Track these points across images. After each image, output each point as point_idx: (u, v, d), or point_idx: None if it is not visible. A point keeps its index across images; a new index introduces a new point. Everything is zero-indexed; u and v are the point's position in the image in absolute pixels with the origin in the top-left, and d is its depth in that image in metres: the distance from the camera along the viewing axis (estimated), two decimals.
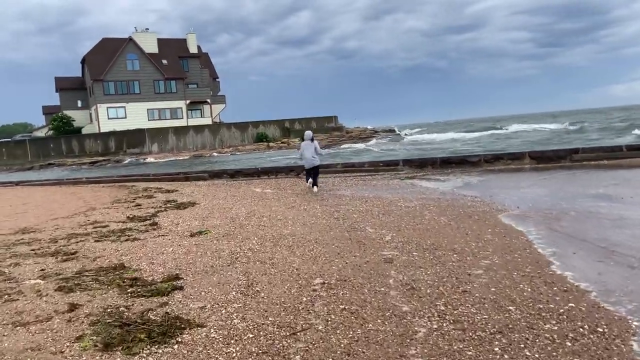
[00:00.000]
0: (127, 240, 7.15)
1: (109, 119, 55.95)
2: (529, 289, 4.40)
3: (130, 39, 57.33)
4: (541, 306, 4.00)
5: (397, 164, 16.92)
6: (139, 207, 10.81)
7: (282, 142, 52.83)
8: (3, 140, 59.25)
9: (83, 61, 59.51)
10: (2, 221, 10.00)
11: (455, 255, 5.55)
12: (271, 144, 52.54)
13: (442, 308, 4.02)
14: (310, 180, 12.53)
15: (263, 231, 7.40)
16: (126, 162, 43.38)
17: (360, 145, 46.06)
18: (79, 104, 61.91)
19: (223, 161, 37.31)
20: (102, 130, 53.79)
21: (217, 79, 70.23)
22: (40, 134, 65.30)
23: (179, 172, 18.95)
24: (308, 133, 13.08)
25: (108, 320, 3.90)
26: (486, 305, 4.05)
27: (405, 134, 64.30)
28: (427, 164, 16.64)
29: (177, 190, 14.03)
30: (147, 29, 60.79)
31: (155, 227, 8.18)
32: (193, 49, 63.10)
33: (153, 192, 13.97)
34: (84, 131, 56.55)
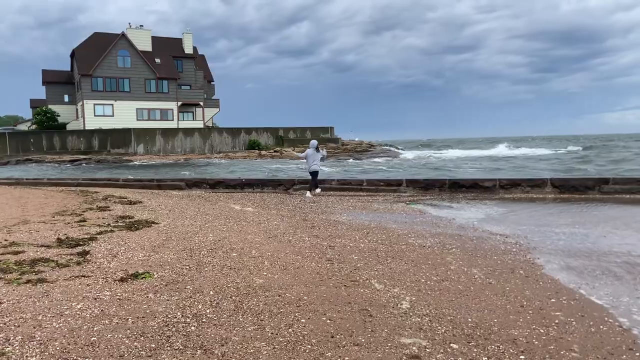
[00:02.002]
0: (27, 282, 4.96)
1: (95, 116, 53.60)
2: None
3: (123, 35, 55.19)
4: None
5: (400, 183, 14.84)
6: (83, 223, 8.61)
7: (275, 151, 50.70)
8: None
9: (72, 55, 57.25)
10: None
11: (521, 356, 3.42)
12: (263, 152, 50.41)
13: None
14: (309, 192, 13.92)
15: (226, 278, 5.24)
16: (107, 162, 41.01)
17: (359, 157, 44.05)
18: (66, 98, 59.59)
19: (210, 167, 35.09)
20: (87, 128, 51.41)
21: (212, 82, 68.16)
22: (24, 127, 62.81)
23: (152, 179, 16.74)
24: (313, 142, 14.57)
25: None
26: None
27: (403, 149, 62.42)
28: (434, 185, 14.57)
29: (141, 202, 11.84)
30: (142, 25, 58.72)
31: (84, 259, 5.99)
32: (188, 50, 61.08)
33: (112, 202, 11.77)
34: (68, 127, 54.17)
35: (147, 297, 4.53)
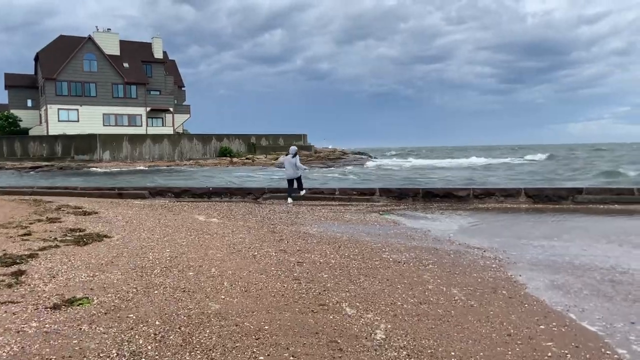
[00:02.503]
0: None
1: (59, 121, 51.81)
2: None
3: (89, 38, 53.70)
4: None
5: (373, 192, 14.39)
6: (27, 237, 7.83)
7: (247, 159, 49.92)
8: None
9: (37, 58, 55.32)
10: None
11: None
12: (235, 159, 49.56)
13: None
14: (290, 200, 13.76)
15: (177, 304, 4.62)
16: (71, 169, 39.53)
17: (332, 165, 43.65)
18: (29, 103, 57.50)
19: (178, 175, 34.12)
20: (51, 133, 49.62)
21: (182, 88, 66.96)
22: None
23: (114, 188, 15.89)
24: (293, 148, 14.14)
25: None
26: None
27: (375, 157, 62.36)
28: (408, 195, 14.17)
29: (97, 213, 11.04)
30: (109, 29, 57.26)
31: (17, 280, 5.28)
32: (158, 54, 59.82)
33: (66, 213, 10.95)
34: (31, 133, 52.24)
35: (80, 329, 3.88)
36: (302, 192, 14.18)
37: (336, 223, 10.18)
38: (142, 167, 42.47)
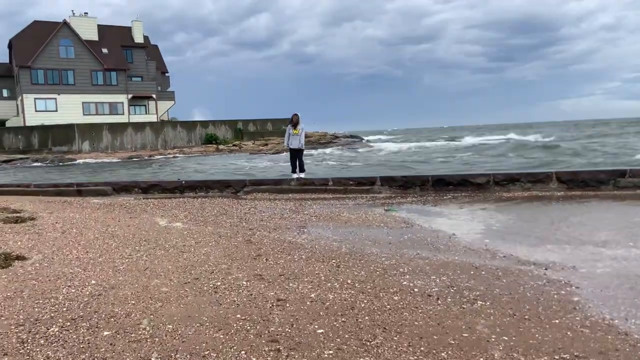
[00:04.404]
0: None
1: (36, 111, 49.11)
2: None
3: (65, 23, 50.74)
4: None
5: (373, 182, 12.23)
6: None
7: (234, 145, 47.58)
8: None
9: (10, 46, 52.34)
10: None
11: None
12: (221, 146, 47.21)
13: None
14: (295, 175, 13.31)
15: None
16: (46, 161, 37.05)
17: (323, 150, 41.41)
18: (5, 93, 54.59)
19: (157, 166, 31.80)
20: (28, 124, 46.95)
21: (166, 74, 64.20)
22: None
23: (72, 184, 13.63)
24: (295, 117, 13.62)
25: None
26: None
27: (368, 141, 60.11)
28: (415, 184, 12.02)
29: (33, 219, 8.81)
30: (86, 13, 54.25)
31: None
32: (139, 39, 56.90)
33: None
34: (8, 124, 49.52)
35: None
36: (302, 175, 13.45)
37: (331, 225, 8.02)
38: (122, 158, 40.06)
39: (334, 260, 5.69)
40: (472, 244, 6.43)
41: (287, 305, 4.23)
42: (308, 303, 4.27)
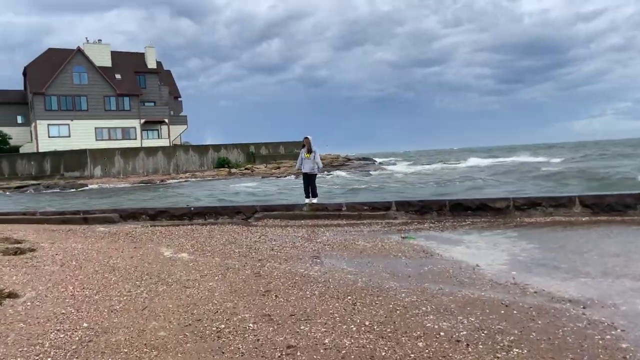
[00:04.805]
0: None
1: (49, 137, 49.55)
2: None
3: (79, 50, 51.47)
4: None
5: (388, 207, 11.76)
6: None
7: (246, 169, 47.43)
8: None
9: (25, 73, 53.16)
10: None
11: None
12: (233, 170, 47.07)
13: None
14: (307, 200, 12.71)
15: None
16: (58, 187, 37.06)
17: (335, 173, 41.04)
18: (19, 119, 55.24)
19: (167, 190, 31.60)
20: (41, 150, 47.29)
21: (179, 98, 64.68)
22: None
23: (78, 212, 13.34)
24: (307, 139, 13.16)
25: None
26: None
27: (381, 163, 59.70)
28: (431, 208, 11.54)
29: (32, 251, 8.46)
30: (100, 40, 55.04)
31: None
32: (152, 64, 57.53)
33: None
34: (22, 150, 49.92)
35: None
36: (314, 200, 12.81)
37: (346, 255, 7.55)
38: (133, 183, 39.99)
39: (349, 297, 5.22)
40: (499, 277, 5.92)
41: (298, 353, 3.76)
42: (321, 351, 3.80)
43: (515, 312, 4.60)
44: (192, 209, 12.77)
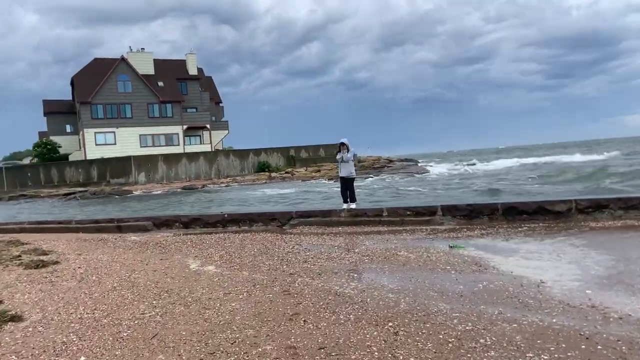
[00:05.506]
0: None
1: (96, 145, 50.77)
2: None
3: (123, 59, 52.55)
4: None
5: (434, 211, 10.84)
6: None
7: (286, 172, 47.02)
8: None
9: (72, 83, 54.76)
10: None
11: None
12: (273, 174, 46.75)
13: None
14: (345, 205, 11.90)
15: None
16: (104, 194, 37.70)
17: (376, 176, 40.04)
18: (68, 128, 56.97)
19: (207, 195, 31.46)
20: (88, 158, 48.48)
21: (220, 104, 65.21)
22: (27, 161, 60.32)
23: (112, 220, 13.05)
24: (343, 140, 12.45)
25: None
26: None
27: (424, 164, 58.10)
28: (482, 213, 10.54)
29: (56, 263, 8.05)
30: (143, 48, 56.10)
31: None
32: (193, 71, 58.18)
33: (17, 264, 8.01)
34: (71, 158, 51.37)
35: None
36: (353, 205, 11.88)
37: (386, 268, 6.72)
38: (176, 188, 40.28)
39: (390, 323, 4.41)
40: (571, 297, 4.96)
41: None
42: None
43: (599, 347, 3.67)
44: (226, 215, 12.22)
